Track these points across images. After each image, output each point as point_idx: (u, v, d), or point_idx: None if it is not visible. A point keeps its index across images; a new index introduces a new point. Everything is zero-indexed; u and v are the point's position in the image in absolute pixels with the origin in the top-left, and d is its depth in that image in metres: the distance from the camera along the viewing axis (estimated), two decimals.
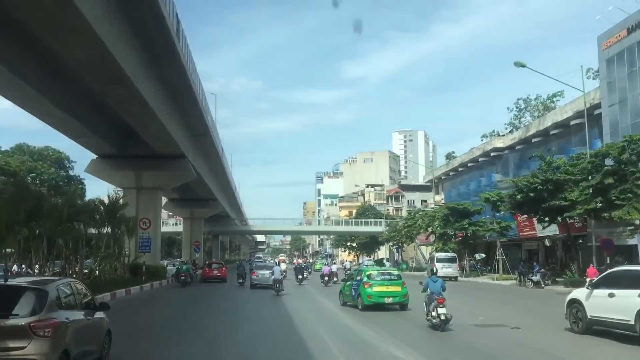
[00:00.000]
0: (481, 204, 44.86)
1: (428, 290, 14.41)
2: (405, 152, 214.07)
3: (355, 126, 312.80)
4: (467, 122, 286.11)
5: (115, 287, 24.97)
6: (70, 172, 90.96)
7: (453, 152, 67.79)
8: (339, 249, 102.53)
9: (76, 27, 16.77)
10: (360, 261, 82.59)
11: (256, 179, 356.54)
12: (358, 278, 19.62)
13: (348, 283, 20.79)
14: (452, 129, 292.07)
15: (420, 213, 60.27)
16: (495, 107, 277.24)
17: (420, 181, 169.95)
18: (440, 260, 44.99)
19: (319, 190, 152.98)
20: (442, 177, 67.59)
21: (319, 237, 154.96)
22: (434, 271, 17.47)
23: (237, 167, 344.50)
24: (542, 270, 34.38)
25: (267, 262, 55.44)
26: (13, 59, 20.11)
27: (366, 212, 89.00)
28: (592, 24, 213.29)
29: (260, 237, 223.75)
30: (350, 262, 79.19)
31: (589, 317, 12.87)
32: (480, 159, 56.29)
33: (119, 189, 39.41)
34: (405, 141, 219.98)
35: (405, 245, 69.50)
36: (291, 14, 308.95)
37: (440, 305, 13.66)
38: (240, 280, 35.05)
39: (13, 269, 22.63)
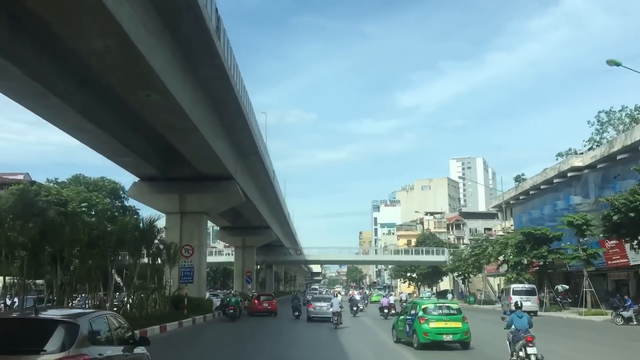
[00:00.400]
0: (562, 228, 39.53)
1: (513, 326, 12.92)
2: (463, 179, 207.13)
3: (410, 155, 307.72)
4: (526, 150, 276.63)
5: (148, 323, 21.51)
6: (126, 203, 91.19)
7: (523, 174, 62.30)
8: (398, 280, 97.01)
9: (89, 9, 13.75)
10: (421, 293, 77.29)
11: (311, 209, 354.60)
12: (413, 312, 17.56)
13: (402, 317, 18.77)
14: (510, 157, 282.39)
15: (491, 239, 54.87)
16: (554, 134, 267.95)
17: (481, 208, 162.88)
18: (517, 293, 39.72)
19: (375, 219, 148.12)
20: (511, 202, 61.98)
21: (376, 267, 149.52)
22: (519, 305, 14.84)
23: (291, 198, 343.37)
24: (638, 305, 29.31)
25: (324, 293, 52.39)
26: (29, 59, 17.31)
27: (427, 240, 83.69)
28: None
29: (316, 268, 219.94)
30: (408, 294, 74.36)
31: None
32: (555, 180, 50.74)
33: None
34: (463, 168, 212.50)
35: (471, 276, 63.85)
36: (344, 47, 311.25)
37: (530, 344, 12.14)
38: (297, 314, 33.12)
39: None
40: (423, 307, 17.23)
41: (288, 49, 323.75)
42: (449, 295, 67.31)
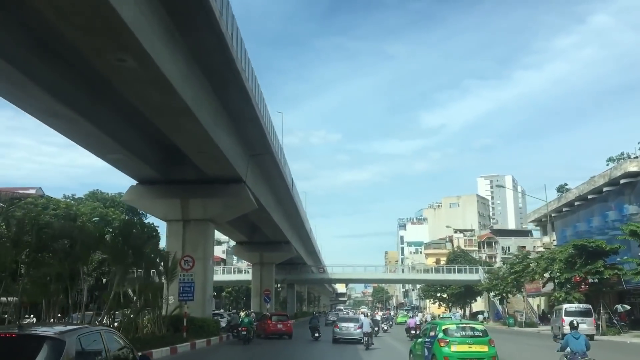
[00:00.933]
0: (624, 239, 34.22)
1: (568, 348, 12.08)
2: (492, 197, 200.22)
3: (435, 175, 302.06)
4: (554, 169, 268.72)
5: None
6: (145, 220, 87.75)
7: (566, 184, 56.61)
8: (427, 300, 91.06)
9: None
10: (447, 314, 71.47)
11: (336, 230, 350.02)
12: (432, 334, 15.19)
13: (420, 340, 16.35)
14: (538, 176, 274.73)
15: (534, 255, 49.38)
16: (583, 153, 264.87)
17: (511, 226, 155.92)
18: (570, 314, 34.21)
19: (401, 238, 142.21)
20: (553, 215, 56.40)
21: (403, 287, 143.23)
22: (575, 325, 13.95)
23: (315, 219, 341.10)
24: None
25: (350, 313, 48.22)
26: None
27: (458, 258, 77.97)
28: None
29: (340, 288, 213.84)
30: (432, 315, 69.03)
31: None
32: (605, 189, 45.21)
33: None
34: (491, 186, 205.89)
35: (510, 296, 58.13)
36: (368, 67, 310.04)
37: None
38: (316, 335, 30.44)
39: None
40: (443, 328, 14.80)
41: (312, 71, 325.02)
42: (480, 316, 61.55)
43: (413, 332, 30.63)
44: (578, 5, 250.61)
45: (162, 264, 25.07)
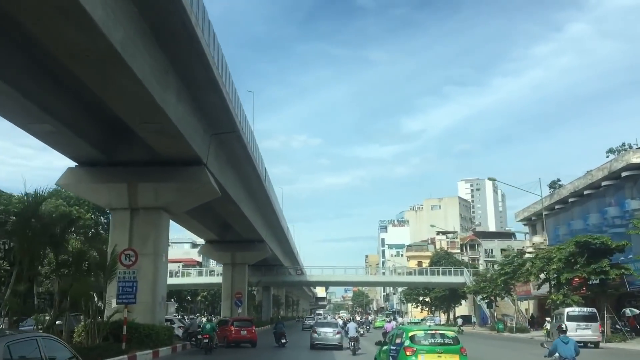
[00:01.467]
0: (633, 234, 30.45)
1: (557, 354, 11.27)
2: (472, 201, 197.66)
3: (415, 180, 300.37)
4: (533, 175, 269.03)
5: None
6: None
7: (559, 180, 52.84)
8: (409, 304, 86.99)
9: None
10: (435, 318, 67.45)
11: (317, 234, 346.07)
12: (398, 341, 13.35)
13: (385, 348, 14.58)
14: (517, 182, 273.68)
15: (529, 254, 45.57)
16: (560, 159, 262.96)
17: (492, 230, 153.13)
18: (572, 318, 30.47)
19: (382, 240, 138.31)
20: (545, 213, 52.76)
21: (384, 291, 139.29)
22: (564, 329, 12.88)
23: (297, 223, 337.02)
24: None
25: (328, 318, 44.58)
26: None
27: (442, 260, 74.09)
28: None
29: (320, 293, 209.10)
30: (412, 319, 65.62)
31: None
32: (604, 183, 41.60)
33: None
34: (472, 190, 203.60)
35: (498, 299, 54.33)
36: (349, 73, 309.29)
37: None
38: (283, 341, 28.17)
39: None
40: (410, 334, 13.01)
41: (293, 75, 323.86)
42: (459, 320, 57.26)
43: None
44: (556, 14, 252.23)
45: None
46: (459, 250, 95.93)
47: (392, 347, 13.60)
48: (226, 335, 27.18)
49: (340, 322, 37.05)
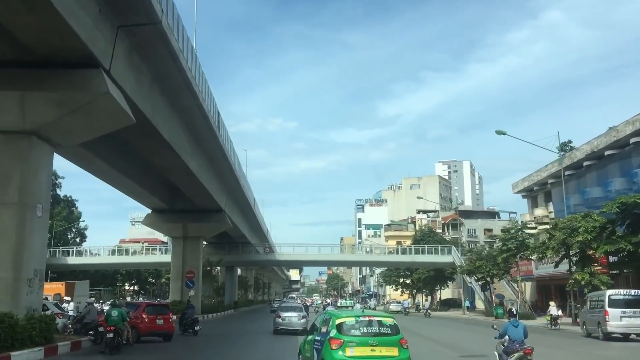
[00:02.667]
0: None
1: (507, 336, 11.08)
2: (449, 183, 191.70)
3: (391, 164, 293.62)
4: (507, 161, 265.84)
5: None
6: (59, 191, 72.77)
7: (570, 142, 44.76)
8: (389, 287, 79.13)
9: None
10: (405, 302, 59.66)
11: (292, 218, 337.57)
12: (324, 330, 10.25)
13: (309, 338, 11.14)
14: (491, 168, 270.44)
15: (546, 226, 37.62)
16: (532, 146, 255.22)
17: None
18: (615, 304, 22.71)
19: (359, 220, 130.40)
20: (550, 182, 45.00)
21: (360, 274, 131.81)
22: (514, 313, 12.53)
23: (273, 207, 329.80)
24: None
25: (299, 301, 42.21)
26: None
27: (425, 238, 66.12)
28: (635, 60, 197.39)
29: (294, 275, 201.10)
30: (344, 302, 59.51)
31: None
32: (632, 140, 33.83)
33: None
34: (449, 172, 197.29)
35: (495, 280, 46.68)
36: (326, 56, 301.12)
37: (529, 357, 10.55)
38: (197, 328, 23.70)
39: None
40: (337, 322, 9.89)
41: (270, 58, 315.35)
42: (425, 303, 49.39)
43: None
44: (530, 1, 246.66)
45: None
46: (440, 230, 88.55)
47: (317, 338, 10.53)
48: (136, 325, 18.53)
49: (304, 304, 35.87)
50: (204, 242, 58.55)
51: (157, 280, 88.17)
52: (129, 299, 64.31)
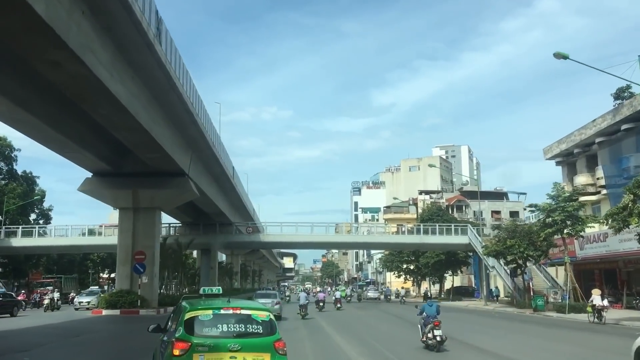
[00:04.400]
0: None
1: (424, 313, 14.31)
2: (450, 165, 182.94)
3: (386, 153, 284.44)
4: (501, 150, 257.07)
5: None
6: (15, 167, 62.89)
7: (628, 88, 34.83)
8: (391, 273, 69.30)
9: None
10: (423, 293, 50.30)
11: (287, 207, 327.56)
12: (173, 327, 7.42)
13: (165, 338, 7.61)
14: (485, 156, 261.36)
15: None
16: (529, 134, 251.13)
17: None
18: None
19: (355, 204, 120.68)
20: (598, 141, 35.33)
21: (356, 260, 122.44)
22: (429, 296, 16.67)
23: (267, 196, 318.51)
24: None
25: (269, 291, 39.19)
26: None
27: (433, 217, 56.50)
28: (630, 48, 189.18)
29: (288, 263, 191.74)
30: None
31: None
32: None
33: None
34: (447, 157, 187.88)
35: (528, 264, 37.13)
36: (320, 44, 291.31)
37: (437, 328, 13.62)
38: None
39: None
40: (187, 317, 6.89)
41: (264, 46, 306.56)
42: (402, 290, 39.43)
43: (321, 304, 34.08)
44: None
45: None
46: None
47: (164, 338, 7.52)
48: None
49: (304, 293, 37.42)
50: (178, 222, 48.72)
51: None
52: (96, 287, 54.32)
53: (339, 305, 36.25)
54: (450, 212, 78.43)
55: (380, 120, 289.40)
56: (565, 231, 30.62)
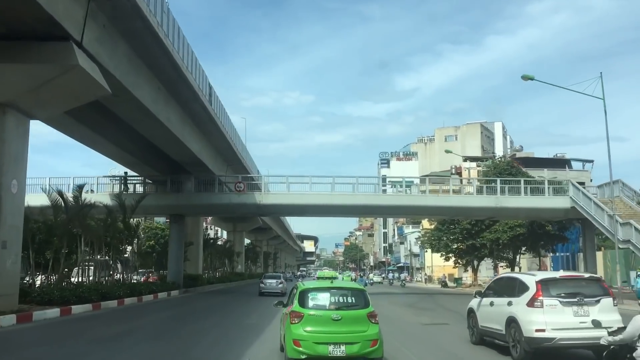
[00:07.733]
0: None
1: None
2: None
3: (408, 138, 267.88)
4: (526, 135, 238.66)
5: None
6: None
7: None
8: (439, 254, 51.37)
9: None
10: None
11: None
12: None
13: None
14: (515, 141, 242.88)
15: None
16: (554, 118, 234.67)
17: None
18: None
19: (383, 178, 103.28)
20: None
21: (385, 242, 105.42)
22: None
23: None
24: None
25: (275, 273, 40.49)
26: None
27: (503, 174, 38.47)
28: None
29: (308, 247, 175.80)
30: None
31: (480, 326, 11.08)
32: None
33: None
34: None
35: None
36: (343, 29, 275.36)
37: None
38: None
39: None
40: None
41: (286, 31, 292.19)
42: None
43: None
44: None
45: None
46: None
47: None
48: None
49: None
50: (141, 178, 32.10)
51: None
52: None
53: None
54: None
55: (403, 105, 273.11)
56: None
